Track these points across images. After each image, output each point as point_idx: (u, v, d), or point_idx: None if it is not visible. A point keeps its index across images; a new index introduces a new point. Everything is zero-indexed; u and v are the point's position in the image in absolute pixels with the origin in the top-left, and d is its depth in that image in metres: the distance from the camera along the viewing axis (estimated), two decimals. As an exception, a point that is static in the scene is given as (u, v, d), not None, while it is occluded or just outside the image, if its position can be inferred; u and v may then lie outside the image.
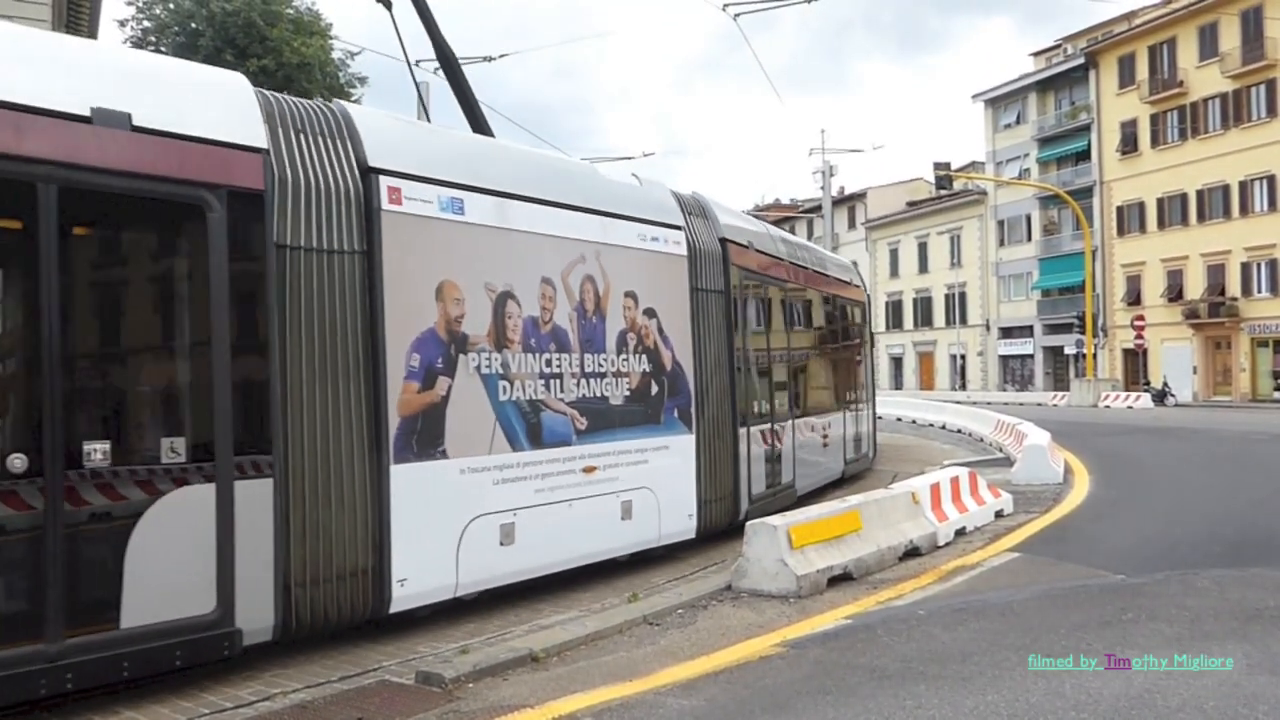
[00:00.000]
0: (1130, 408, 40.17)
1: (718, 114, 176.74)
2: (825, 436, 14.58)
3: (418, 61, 17.02)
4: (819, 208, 55.19)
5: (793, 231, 35.58)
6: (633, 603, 7.62)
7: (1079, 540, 10.40)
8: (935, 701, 5.18)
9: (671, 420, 9.59)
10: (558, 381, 8.23)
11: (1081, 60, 52.25)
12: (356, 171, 6.76)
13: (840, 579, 8.34)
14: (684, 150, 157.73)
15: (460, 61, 10.50)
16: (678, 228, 9.93)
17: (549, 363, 8.16)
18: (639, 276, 9.25)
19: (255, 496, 5.95)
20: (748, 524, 8.36)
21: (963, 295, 60.57)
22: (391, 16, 10.04)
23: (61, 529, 5.16)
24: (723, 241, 10.74)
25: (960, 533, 10.57)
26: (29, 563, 5.11)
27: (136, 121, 5.62)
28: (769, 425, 11.79)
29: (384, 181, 6.86)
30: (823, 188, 48.03)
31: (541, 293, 8.15)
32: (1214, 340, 45.53)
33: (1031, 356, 56.67)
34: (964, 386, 58.55)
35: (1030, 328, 56.38)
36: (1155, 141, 47.79)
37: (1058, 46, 57.74)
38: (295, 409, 6.20)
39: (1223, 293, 44.36)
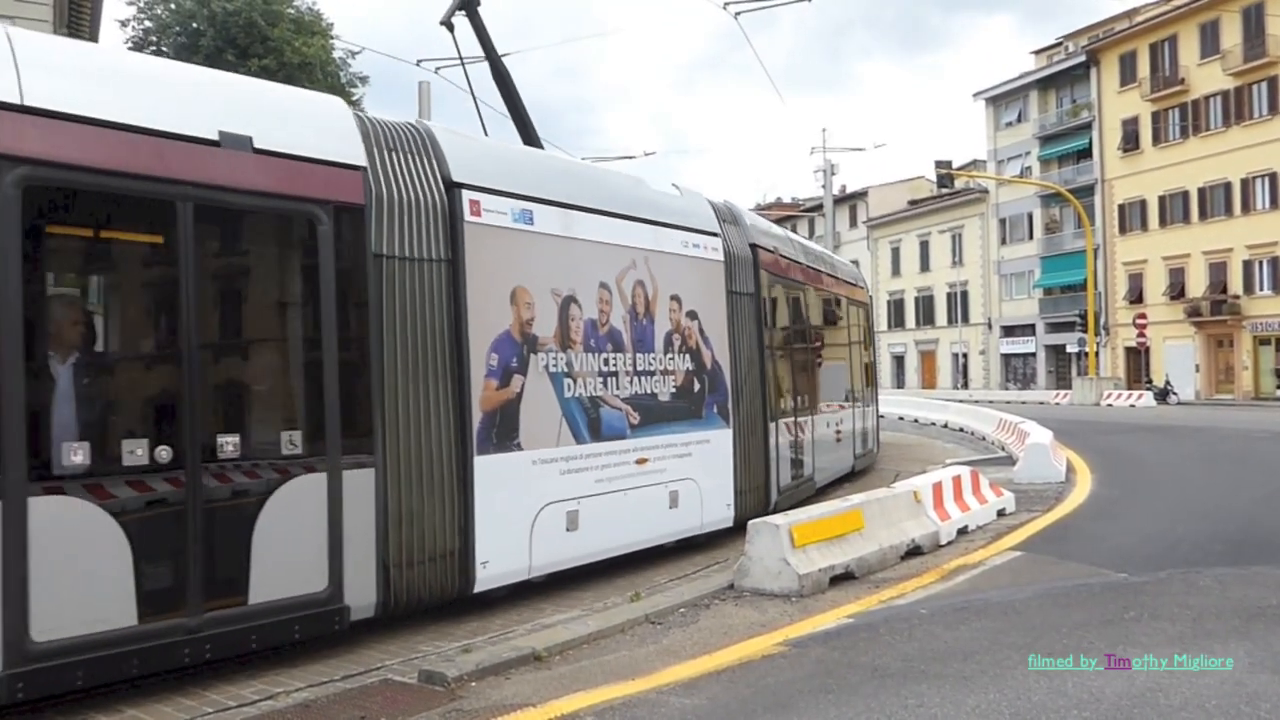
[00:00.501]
0: (1132, 406, 40.13)
1: (719, 113, 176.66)
2: (839, 432, 15.22)
3: (419, 61, 17.04)
4: (820, 206, 55.16)
5: (794, 230, 35.62)
6: (635, 602, 7.62)
7: (1081, 539, 10.39)
8: (937, 700, 5.18)
9: (712, 415, 10.19)
10: (614, 379, 8.87)
11: (1083, 58, 52.18)
12: (441, 186, 7.32)
13: (842, 578, 8.33)
14: (685, 150, 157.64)
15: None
16: (715, 235, 10.56)
17: (606, 362, 8.79)
18: (682, 281, 9.85)
19: (360, 485, 6.53)
20: (750, 523, 8.38)
21: (964, 294, 60.53)
22: (454, 38, 10.61)
23: (200, 514, 5.72)
24: (753, 247, 11.32)
25: (962, 531, 10.56)
26: (173, 544, 5.65)
27: (257, 144, 6.16)
28: (793, 420, 12.40)
29: (465, 195, 7.44)
30: (824, 186, 47.99)
31: (599, 297, 8.77)
32: (1216, 338, 45.49)
33: (1033, 355, 56.63)
34: (966, 385, 58.53)
35: (1032, 326, 56.33)
36: (1157, 139, 47.74)
37: (1059, 44, 57.66)
38: (392, 404, 6.77)
39: (1225, 291, 44.32)
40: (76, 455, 5.31)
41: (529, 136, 10.42)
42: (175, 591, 5.63)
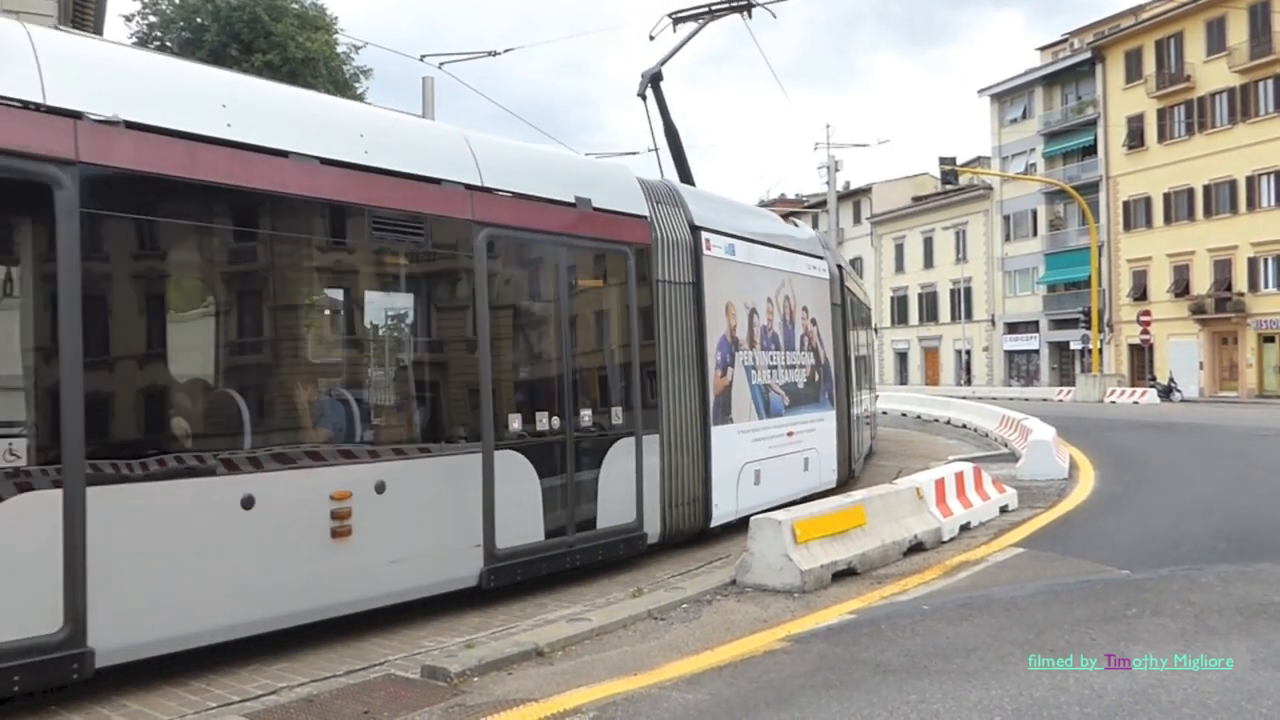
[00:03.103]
0: (1136, 403, 40.09)
1: (724, 108, 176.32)
2: (868, 416, 18.62)
3: (423, 56, 17.14)
4: (824, 202, 55.08)
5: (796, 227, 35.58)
6: (637, 598, 7.63)
7: (1084, 535, 10.39)
8: (939, 696, 5.18)
9: (824, 400, 13.33)
10: (775, 371, 11.70)
11: (1088, 55, 52.04)
12: (688, 229, 10.06)
13: (845, 574, 8.34)
14: (691, 145, 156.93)
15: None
16: (821, 259, 13.79)
17: (771, 358, 11.61)
18: (807, 295, 12.90)
19: (652, 447, 9.19)
20: (752, 519, 8.39)
21: (968, 290, 60.41)
22: (646, 110, 13.17)
23: (573, 465, 8.34)
24: (839, 268, 14.69)
25: (965, 528, 10.56)
26: (560, 486, 8.22)
27: (595, 205, 8.79)
28: (856, 406, 15.49)
29: (703, 235, 10.19)
30: (828, 182, 47.95)
31: (766, 308, 11.58)
32: (1220, 336, 45.39)
33: (1037, 352, 56.54)
34: (969, 382, 58.41)
35: (1036, 323, 56.25)
36: (1162, 136, 47.61)
37: (1064, 41, 57.48)
38: (667, 388, 9.48)
39: (1229, 288, 44.21)
40: (515, 424, 7.88)
41: (686, 179, 12.94)
42: (561, 518, 8.19)
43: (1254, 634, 6.23)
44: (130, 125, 5.65)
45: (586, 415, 8.53)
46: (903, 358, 67.32)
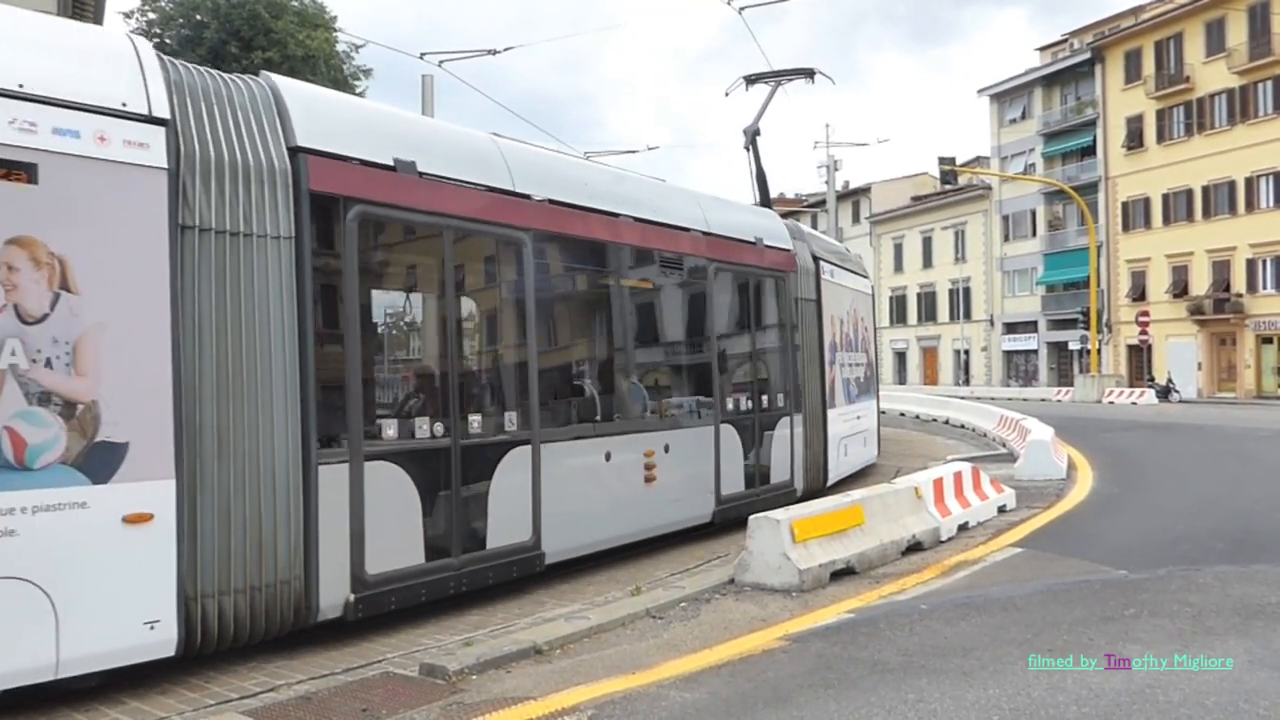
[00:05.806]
0: (1134, 404, 40.09)
1: (724, 106, 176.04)
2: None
3: (423, 54, 17.16)
4: (823, 202, 54.98)
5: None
6: (636, 596, 7.63)
7: (1082, 536, 10.40)
8: (937, 695, 5.19)
9: (871, 391, 16.82)
10: (851, 367, 15.00)
11: (1088, 55, 52.01)
12: (812, 259, 13.31)
13: (843, 573, 8.34)
14: (690, 144, 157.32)
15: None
16: (866, 277, 17.53)
17: (849, 357, 14.94)
18: (862, 307, 16.44)
19: (798, 423, 12.32)
20: (750, 518, 8.39)
21: (967, 290, 60.42)
22: (748, 156, 15.94)
23: (759, 436, 11.56)
24: (872, 286, 18.33)
25: (963, 528, 10.57)
26: (751, 454, 11.23)
27: (765, 243, 11.87)
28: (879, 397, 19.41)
29: (820, 263, 13.55)
30: (827, 182, 47.88)
31: (846, 318, 14.95)
32: (1219, 337, 45.42)
33: (1035, 352, 56.56)
34: (968, 382, 58.43)
35: (1034, 323, 56.25)
36: (1161, 137, 47.61)
37: (1064, 41, 57.46)
38: (803, 379, 12.53)
39: (1228, 289, 44.22)
40: (729, 404, 10.96)
41: (765, 201, 15.34)
42: (753, 475, 11.24)
43: (1251, 634, 6.24)
44: (550, 202, 8.44)
45: (765, 399, 11.70)
46: (901, 357, 67.32)
